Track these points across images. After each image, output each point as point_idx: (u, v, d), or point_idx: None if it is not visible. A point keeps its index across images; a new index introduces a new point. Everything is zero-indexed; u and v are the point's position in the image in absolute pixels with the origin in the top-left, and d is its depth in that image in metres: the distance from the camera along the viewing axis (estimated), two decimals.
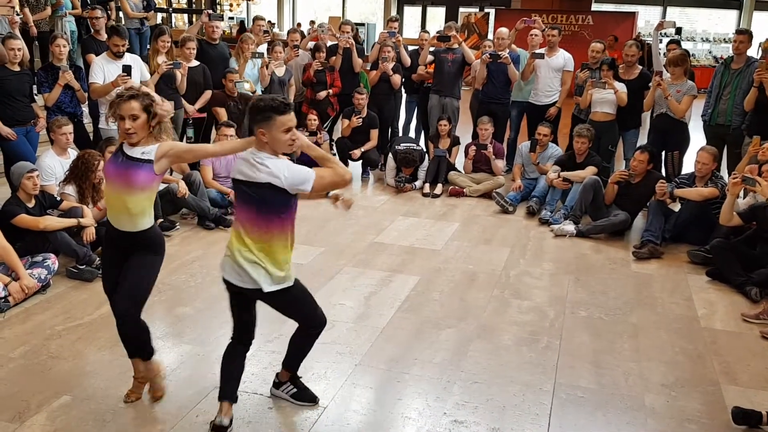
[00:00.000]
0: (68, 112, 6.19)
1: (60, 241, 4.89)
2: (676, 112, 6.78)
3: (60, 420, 3.26)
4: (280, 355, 3.90)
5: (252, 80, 7.70)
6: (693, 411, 3.55)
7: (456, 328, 4.38)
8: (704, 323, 4.61)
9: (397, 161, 7.75)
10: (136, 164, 3.15)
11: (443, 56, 8.06)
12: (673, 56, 7.00)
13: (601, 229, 6.29)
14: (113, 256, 3.34)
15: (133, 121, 3.11)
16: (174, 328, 4.28)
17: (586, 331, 4.40)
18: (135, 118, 3.11)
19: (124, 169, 3.15)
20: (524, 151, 7.44)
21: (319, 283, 4.93)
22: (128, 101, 3.11)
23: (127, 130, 3.11)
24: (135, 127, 3.12)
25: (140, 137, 3.15)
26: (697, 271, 5.52)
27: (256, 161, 2.97)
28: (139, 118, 3.12)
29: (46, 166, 5.47)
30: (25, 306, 4.48)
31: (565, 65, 7.82)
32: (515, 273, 5.38)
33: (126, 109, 3.11)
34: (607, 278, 5.34)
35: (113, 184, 3.20)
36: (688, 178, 6.17)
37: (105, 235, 3.38)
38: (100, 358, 3.86)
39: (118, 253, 3.30)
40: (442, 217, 6.83)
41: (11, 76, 5.82)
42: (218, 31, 7.67)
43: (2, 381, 3.58)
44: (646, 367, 3.98)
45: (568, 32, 15.59)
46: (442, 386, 3.67)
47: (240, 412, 3.39)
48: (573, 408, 3.53)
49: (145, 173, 3.15)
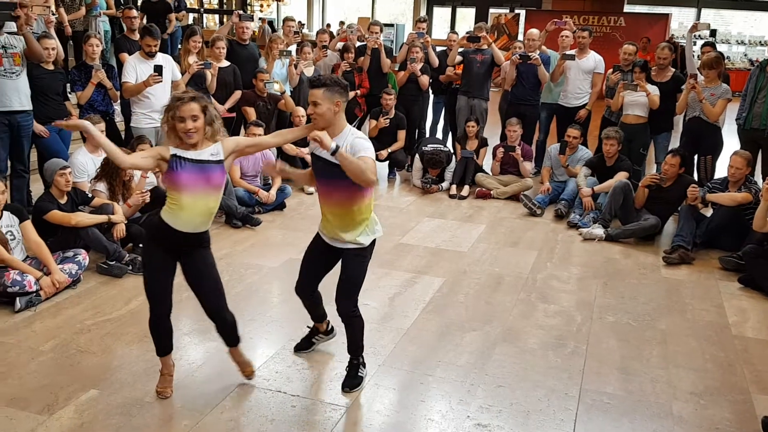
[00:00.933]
0: (100, 110, 6.29)
1: (91, 237, 4.96)
2: (710, 116, 6.67)
3: (87, 413, 3.30)
4: (304, 354, 3.93)
5: (280, 80, 7.75)
6: (722, 420, 3.49)
7: (481, 331, 4.35)
8: (735, 331, 4.52)
9: (424, 162, 7.73)
10: (211, 166, 3.22)
11: (472, 57, 8.03)
12: (708, 59, 6.88)
13: (631, 233, 6.21)
14: (167, 259, 3.35)
15: (194, 122, 3.16)
16: (200, 325, 4.31)
17: (614, 337, 4.35)
18: (195, 119, 3.17)
19: (202, 173, 3.20)
20: (553, 154, 7.37)
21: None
22: (188, 103, 3.15)
23: (188, 131, 3.15)
24: (196, 127, 3.17)
25: (199, 138, 3.21)
26: (729, 277, 5.42)
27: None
28: (199, 118, 3.18)
29: (79, 163, 5.55)
30: (55, 300, 4.56)
31: (596, 67, 7.73)
32: (542, 276, 5.34)
33: (186, 111, 3.14)
34: (636, 283, 5.27)
35: (192, 190, 3.19)
36: (721, 183, 6.07)
37: (156, 239, 3.33)
38: (128, 353, 3.91)
39: (173, 255, 3.35)
40: (468, 219, 6.80)
41: (45, 75, 5.92)
42: (248, 32, 7.74)
43: (32, 373, 3.65)
44: (675, 374, 3.92)
45: (599, 34, 15.43)
46: (466, 389, 3.65)
47: (263, 410, 3.41)
48: (599, 414, 3.49)
49: (220, 172, 3.25)
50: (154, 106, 6.30)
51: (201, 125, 3.18)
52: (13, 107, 5.55)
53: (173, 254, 3.34)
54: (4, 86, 5.46)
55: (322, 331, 3.98)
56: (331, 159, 3.20)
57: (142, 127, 6.35)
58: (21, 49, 5.57)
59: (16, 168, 5.87)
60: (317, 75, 3.30)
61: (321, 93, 3.20)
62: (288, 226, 6.24)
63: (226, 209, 6.25)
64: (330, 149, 3.11)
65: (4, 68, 5.45)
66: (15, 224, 4.58)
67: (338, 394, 3.58)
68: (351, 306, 3.51)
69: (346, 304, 3.49)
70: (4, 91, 5.47)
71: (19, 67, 5.57)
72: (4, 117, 5.55)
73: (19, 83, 5.58)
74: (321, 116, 3.23)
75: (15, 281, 4.34)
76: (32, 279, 4.41)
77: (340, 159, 3.13)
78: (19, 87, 5.59)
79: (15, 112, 5.58)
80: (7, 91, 5.49)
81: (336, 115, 3.25)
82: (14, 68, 5.53)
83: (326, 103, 3.21)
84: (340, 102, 3.24)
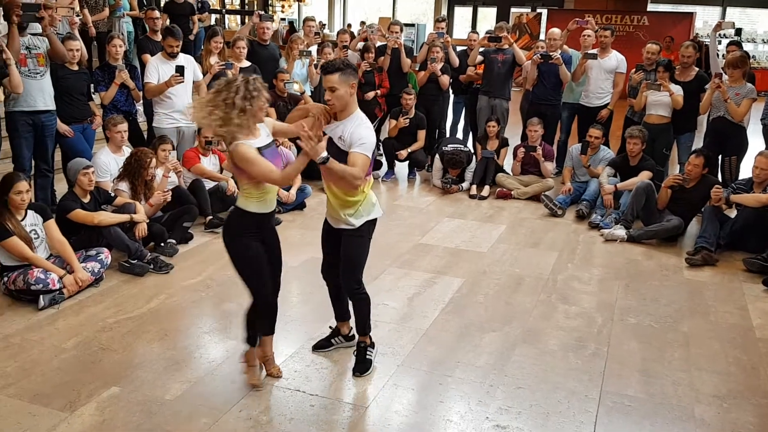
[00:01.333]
0: (123, 110, 6.35)
1: (113, 236, 5.02)
2: (734, 116, 6.58)
3: (108, 410, 3.33)
4: (322, 353, 3.94)
5: (301, 79, 7.77)
6: (745, 424, 3.43)
7: (500, 332, 4.33)
8: (759, 334, 4.45)
9: (444, 162, 7.71)
10: (273, 145, 3.43)
11: (493, 57, 7.99)
12: (733, 58, 6.79)
13: (653, 234, 6.14)
14: (260, 246, 3.41)
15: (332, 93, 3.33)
16: (220, 324, 4.34)
17: (635, 339, 4.30)
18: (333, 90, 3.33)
19: (273, 154, 3.37)
20: (575, 154, 7.32)
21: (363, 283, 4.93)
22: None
23: (328, 101, 3.36)
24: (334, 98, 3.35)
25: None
26: (753, 279, 5.34)
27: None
28: (337, 90, 3.33)
29: (102, 163, 5.62)
30: (78, 298, 4.61)
31: (618, 67, 7.66)
32: (563, 277, 5.30)
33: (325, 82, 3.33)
34: (658, 285, 5.21)
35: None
36: (746, 184, 5.98)
37: (249, 232, 3.36)
38: (149, 351, 3.94)
39: (261, 240, 3.42)
40: (488, 219, 6.77)
41: (70, 75, 5.99)
42: (269, 32, 7.77)
43: (55, 370, 3.69)
44: (697, 377, 3.87)
45: (622, 33, 15.28)
46: (485, 390, 3.63)
47: (282, 408, 3.42)
48: (619, 417, 3.45)
49: (276, 147, 3.49)
50: (176, 107, 6.35)
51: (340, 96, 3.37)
52: (37, 107, 5.63)
53: (261, 239, 3.43)
54: (29, 86, 5.53)
55: (343, 335, 3.98)
56: (338, 143, 3.37)
57: (164, 127, 6.40)
58: (44, 50, 5.64)
59: (40, 167, 5.94)
60: (327, 61, 3.34)
61: (336, 78, 3.30)
62: (308, 226, 6.26)
63: None
64: (319, 160, 3.18)
65: (28, 69, 5.52)
66: (39, 223, 4.64)
67: (357, 393, 3.58)
68: (353, 284, 3.61)
69: (348, 282, 3.62)
70: (29, 91, 5.54)
71: (43, 68, 5.65)
72: (28, 117, 5.62)
73: (43, 83, 5.65)
74: (339, 99, 3.34)
75: (39, 279, 4.40)
76: (55, 277, 4.47)
77: (326, 168, 3.25)
78: (44, 87, 5.66)
79: (39, 112, 5.65)
80: (32, 91, 5.56)
81: (351, 96, 3.37)
82: (38, 69, 5.60)
83: (342, 86, 3.32)
84: (354, 83, 3.35)
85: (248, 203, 3.33)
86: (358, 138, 3.34)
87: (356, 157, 3.32)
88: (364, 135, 3.36)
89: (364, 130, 3.38)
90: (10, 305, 4.46)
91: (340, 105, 3.37)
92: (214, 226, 6.02)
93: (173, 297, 4.71)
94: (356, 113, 3.43)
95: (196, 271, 5.17)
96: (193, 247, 5.69)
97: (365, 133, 3.38)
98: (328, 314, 4.02)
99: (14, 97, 5.51)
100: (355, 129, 3.36)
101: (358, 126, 3.38)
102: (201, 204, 5.98)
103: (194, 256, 5.49)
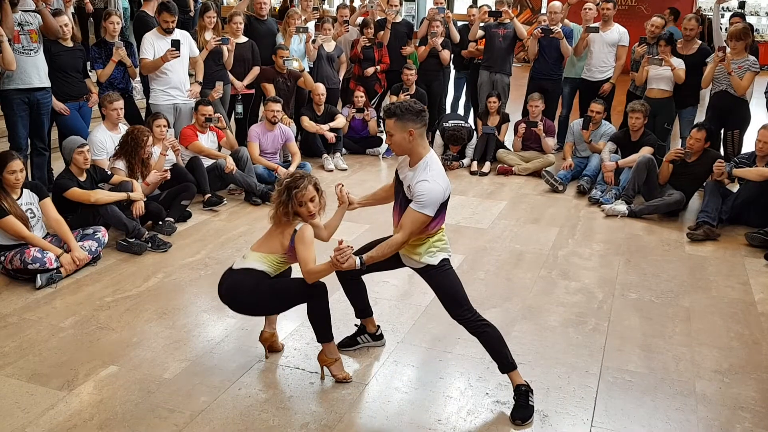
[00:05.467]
0: (120, 88, 6.28)
1: (110, 214, 4.98)
2: (737, 89, 6.50)
3: (107, 389, 3.32)
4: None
5: (298, 55, 7.69)
6: (747, 399, 3.42)
7: (501, 308, 4.31)
8: (761, 308, 4.43)
9: (445, 138, 7.65)
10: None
11: (494, 31, 7.91)
12: (735, 30, 6.67)
13: (655, 209, 6.10)
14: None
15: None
16: (219, 302, 4.28)
17: (636, 314, 4.28)
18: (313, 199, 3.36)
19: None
20: (576, 129, 7.25)
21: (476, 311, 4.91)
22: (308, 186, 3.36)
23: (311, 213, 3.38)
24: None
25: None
26: (755, 254, 5.31)
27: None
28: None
29: (98, 141, 5.56)
30: (75, 277, 4.59)
31: (620, 40, 7.57)
32: (563, 253, 5.26)
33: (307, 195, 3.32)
34: (659, 260, 5.18)
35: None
36: (748, 158, 5.92)
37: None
38: (147, 330, 3.93)
39: None
40: (489, 195, 6.72)
41: (63, 52, 5.90)
42: (266, 7, 7.66)
43: (53, 350, 3.67)
44: (698, 352, 3.85)
45: (624, 6, 15.09)
46: (485, 366, 3.61)
47: (281, 386, 3.41)
48: (620, 392, 3.44)
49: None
50: (172, 83, 6.30)
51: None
52: (33, 84, 5.55)
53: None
54: (24, 63, 5.45)
55: (370, 333, 3.81)
56: (407, 194, 3.19)
57: (161, 103, 6.34)
58: (37, 26, 5.56)
59: (36, 146, 5.89)
60: (390, 104, 3.20)
61: (392, 123, 3.13)
62: None
63: (245, 186, 6.24)
64: (357, 267, 3.17)
65: (21, 45, 5.45)
66: (35, 202, 4.61)
67: (357, 371, 3.57)
68: (466, 314, 3.27)
69: (455, 314, 3.30)
70: (24, 68, 5.46)
71: (37, 44, 5.56)
72: (23, 95, 5.55)
73: (37, 60, 5.57)
74: (396, 145, 3.18)
75: (35, 258, 4.37)
76: (52, 256, 4.44)
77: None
78: (38, 64, 5.58)
79: (34, 89, 5.58)
80: (26, 68, 5.49)
81: (411, 143, 3.14)
82: (32, 45, 5.52)
83: (398, 132, 3.12)
84: (413, 131, 3.11)
85: (266, 266, 3.36)
86: (419, 193, 3.09)
87: (407, 217, 3.13)
88: (425, 190, 3.08)
89: (428, 184, 3.09)
90: (7, 285, 4.43)
91: (399, 151, 3.20)
92: (213, 204, 5.99)
93: (171, 275, 4.69)
94: (423, 160, 3.16)
95: (195, 250, 5.14)
96: (191, 226, 5.66)
97: (427, 187, 3.08)
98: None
99: (8, 74, 5.44)
100: (419, 182, 3.10)
101: (423, 180, 3.10)
102: (199, 182, 5.94)
103: (192, 235, 5.46)
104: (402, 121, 3.11)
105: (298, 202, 3.29)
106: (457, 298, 3.28)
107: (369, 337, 3.80)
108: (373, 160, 8.02)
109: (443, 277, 3.30)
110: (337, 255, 3.07)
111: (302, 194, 3.29)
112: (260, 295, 3.37)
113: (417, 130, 3.13)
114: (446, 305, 3.32)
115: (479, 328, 3.26)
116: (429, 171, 3.13)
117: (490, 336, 3.26)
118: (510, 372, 3.27)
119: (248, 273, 3.35)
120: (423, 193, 3.08)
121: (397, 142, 3.16)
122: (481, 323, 3.27)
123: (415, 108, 3.14)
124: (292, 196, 3.29)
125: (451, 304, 3.30)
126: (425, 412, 3.24)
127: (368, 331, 3.81)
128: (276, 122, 6.62)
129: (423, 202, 3.09)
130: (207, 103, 6.37)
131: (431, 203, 3.10)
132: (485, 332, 3.26)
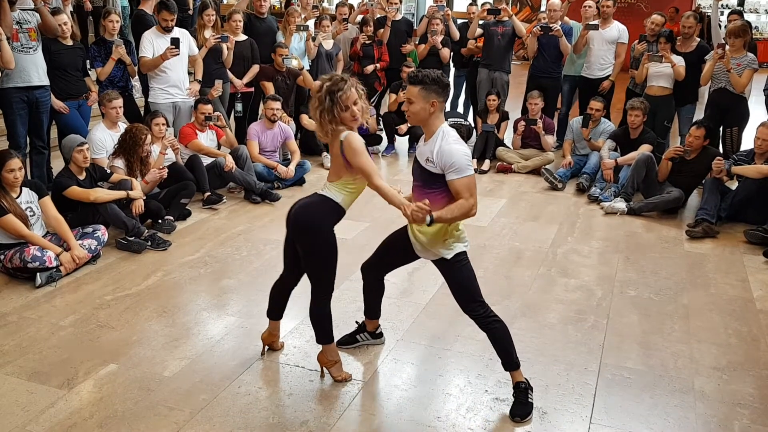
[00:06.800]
0: (119, 86, 6.28)
1: (110, 213, 4.98)
2: (736, 87, 6.50)
3: (106, 387, 3.33)
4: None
5: (298, 53, 7.69)
6: (745, 395, 3.43)
7: (500, 306, 4.30)
8: (760, 305, 4.43)
9: None
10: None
11: (493, 29, 7.91)
12: (734, 27, 6.69)
13: (654, 206, 6.10)
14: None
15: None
16: (219, 300, 4.33)
17: (635, 311, 4.28)
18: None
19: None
20: (575, 127, 7.25)
21: (363, 258, 4.90)
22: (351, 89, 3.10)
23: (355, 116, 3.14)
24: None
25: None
26: (754, 251, 5.32)
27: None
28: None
29: (97, 139, 5.57)
30: (75, 276, 4.59)
31: (620, 37, 7.58)
32: (563, 251, 5.27)
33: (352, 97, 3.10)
34: (658, 257, 5.19)
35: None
36: (747, 155, 5.93)
37: (332, 224, 3.27)
38: (147, 328, 3.93)
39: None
40: (489, 193, 6.73)
41: (63, 51, 5.90)
42: (266, 5, 7.66)
43: (53, 348, 3.68)
44: (697, 349, 3.85)
45: (623, 4, 15.09)
46: (484, 363, 3.62)
47: (281, 384, 3.42)
48: (618, 389, 3.44)
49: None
50: (171, 81, 6.30)
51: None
52: (32, 82, 5.55)
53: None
54: (23, 62, 5.45)
55: (369, 331, 3.80)
56: (426, 167, 3.10)
57: (160, 102, 6.35)
58: (35, 24, 5.56)
59: (35, 144, 5.89)
60: (417, 70, 3.08)
61: (417, 91, 3.03)
62: None
63: (245, 185, 6.24)
64: (427, 222, 2.97)
65: (20, 44, 5.44)
66: (34, 200, 4.61)
67: (357, 368, 3.57)
68: (477, 309, 3.23)
69: (468, 308, 3.26)
70: (23, 66, 5.46)
71: (35, 42, 5.56)
72: (22, 93, 5.54)
73: (36, 58, 5.57)
74: (414, 114, 3.09)
75: (35, 257, 4.37)
76: (52, 254, 4.44)
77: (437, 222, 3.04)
78: (37, 62, 5.58)
79: (33, 87, 5.57)
80: (26, 67, 5.48)
81: (431, 115, 3.07)
82: (30, 43, 5.51)
83: (420, 102, 3.03)
84: (436, 102, 3.03)
85: (339, 195, 3.22)
86: (450, 163, 3.01)
87: (456, 185, 3.04)
88: (450, 155, 3.01)
89: (455, 147, 3.02)
90: (6, 283, 4.44)
91: (415, 120, 3.11)
92: (212, 202, 5.99)
93: (171, 274, 4.69)
94: (440, 130, 3.09)
95: (194, 248, 5.15)
96: (190, 224, 5.66)
97: (456, 150, 3.01)
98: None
99: (8, 73, 5.43)
100: (442, 148, 3.02)
101: (445, 143, 3.03)
102: (198, 180, 5.94)
103: (192, 233, 5.46)
104: (427, 91, 3.02)
105: (343, 105, 3.07)
106: (470, 292, 3.24)
107: (368, 336, 3.81)
108: (372, 158, 8.01)
109: (458, 270, 3.24)
110: (416, 210, 2.90)
111: (346, 96, 3.06)
112: (318, 226, 3.21)
113: (440, 103, 3.06)
114: (458, 298, 3.27)
115: (490, 324, 3.23)
116: (446, 137, 3.06)
117: (499, 332, 3.24)
118: (512, 371, 3.27)
119: (323, 199, 3.23)
120: (451, 160, 3.01)
121: (415, 111, 3.07)
122: (492, 319, 3.23)
123: (443, 80, 3.05)
124: (336, 99, 3.05)
125: (464, 297, 3.25)
126: (424, 410, 3.24)
127: (368, 329, 3.81)
128: (275, 120, 6.62)
129: (457, 167, 3.01)
130: (206, 102, 6.37)
131: (463, 164, 3.02)
132: (495, 328, 3.23)
